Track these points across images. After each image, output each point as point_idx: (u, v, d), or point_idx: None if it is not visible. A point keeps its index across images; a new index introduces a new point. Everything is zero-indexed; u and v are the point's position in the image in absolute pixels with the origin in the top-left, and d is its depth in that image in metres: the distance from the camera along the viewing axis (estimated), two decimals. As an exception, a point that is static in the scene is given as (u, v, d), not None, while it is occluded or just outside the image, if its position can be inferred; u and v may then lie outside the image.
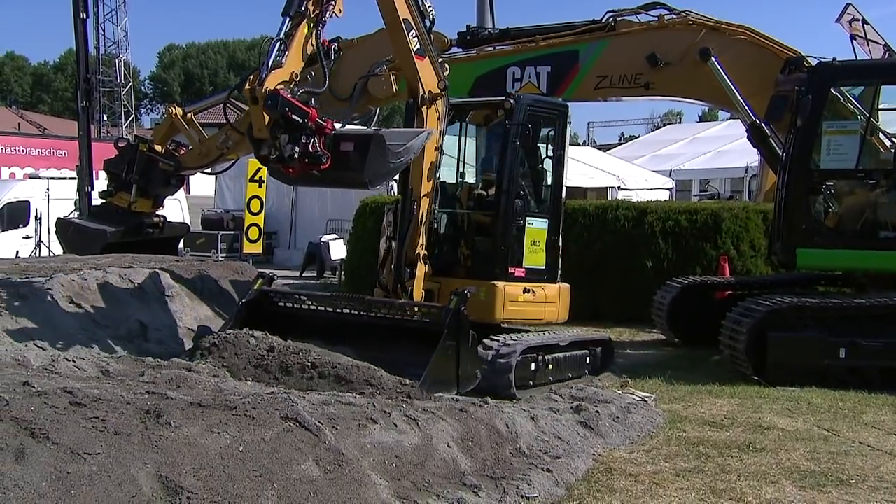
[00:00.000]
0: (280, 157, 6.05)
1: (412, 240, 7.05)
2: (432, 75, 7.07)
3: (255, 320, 6.64)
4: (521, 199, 7.51)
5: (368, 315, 6.75)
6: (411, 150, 6.47)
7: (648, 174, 23.01)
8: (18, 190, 16.86)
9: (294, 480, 3.85)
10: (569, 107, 8.12)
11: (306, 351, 6.04)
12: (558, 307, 7.82)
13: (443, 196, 7.71)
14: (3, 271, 7.90)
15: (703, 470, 5.10)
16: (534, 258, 7.65)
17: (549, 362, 7.20)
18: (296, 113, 5.96)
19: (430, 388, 5.68)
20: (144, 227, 8.68)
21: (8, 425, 3.34)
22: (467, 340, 6.21)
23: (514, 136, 7.39)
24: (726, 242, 11.47)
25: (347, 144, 6.30)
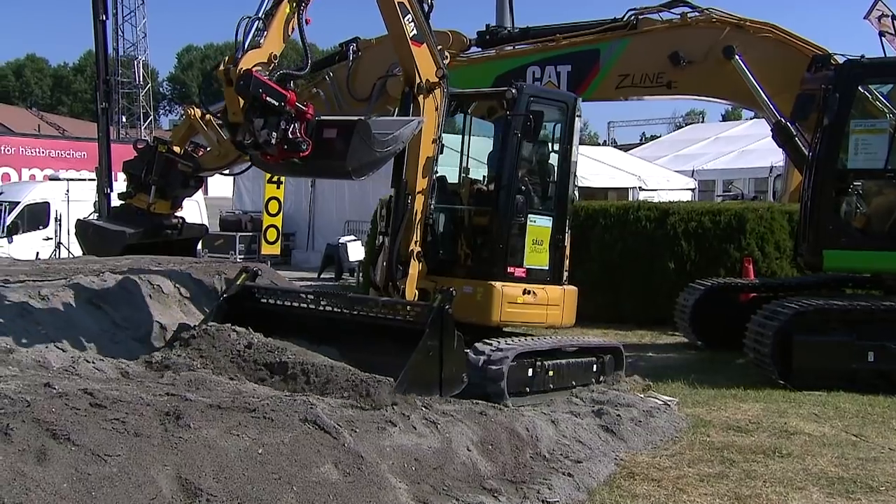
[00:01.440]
0: (256, 143, 5.76)
1: (405, 236, 6.78)
2: (430, 63, 6.78)
3: (238, 316, 6.39)
4: (522, 196, 7.18)
5: (351, 313, 6.41)
6: (400, 140, 6.20)
7: (670, 174, 22.88)
8: (38, 191, 17.10)
9: (313, 483, 3.86)
10: (578, 99, 7.73)
11: (282, 350, 5.83)
12: (562, 310, 7.43)
13: (443, 192, 7.49)
14: (24, 272, 8.00)
15: (727, 475, 5.06)
16: (536, 258, 7.28)
17: (549, 369, 6.78)
18: (271, 95, 5.65)
19: (406, 391, 5.36)
20: (163, 229, 8.74)
21: (29, 426, 3.37)
22: (452, 341, 5.85)
23: (515, 128, 7.06)
24: (751, 244, 11.36)
25: (330, 131, 6.01)
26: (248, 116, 5.71)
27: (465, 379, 5.96)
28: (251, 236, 19.15)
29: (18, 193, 17.26)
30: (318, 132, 5.95)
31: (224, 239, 19.23)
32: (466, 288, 6.89)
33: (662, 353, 10.00)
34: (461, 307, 6.73)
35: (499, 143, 7.58)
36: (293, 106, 5.79)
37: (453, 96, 7.35)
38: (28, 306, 6.28)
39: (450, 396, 5.71)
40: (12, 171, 32.97)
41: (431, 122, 6.84)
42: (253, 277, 6.89)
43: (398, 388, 5.27)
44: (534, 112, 7.00)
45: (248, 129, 5.74)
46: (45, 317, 6.28)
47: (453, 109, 7.68)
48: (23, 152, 36.64)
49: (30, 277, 7.51)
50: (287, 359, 5.70)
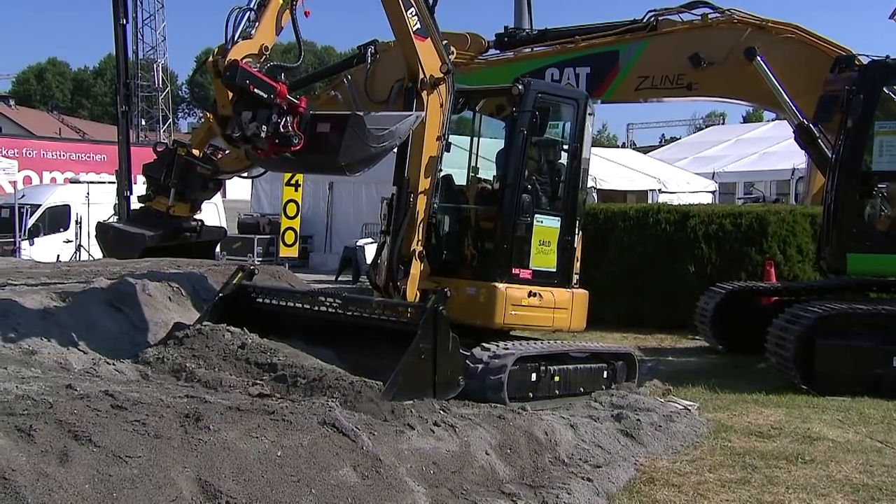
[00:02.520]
0: (245, 137, 5.61)
1: (407, 236, 6.60)
2: (434, 58, 6.61)
3: (234, 315, 6.25)
4: (528, 195, 6.97)
5: (346, 314, 6.24)
6: (396, 135, 6.02)
7: (690, 176, 22.75)
8: (59, 194, 17.33)
9: (332, 486, 3.88)
10: (588, 97, 7.54)
11: (275, 351, 5.73)
12: (570, 314, 7.20)
13: (449, 191, 7.34)
14: (45, 275, 8.10)
15: (749, 481, 5.02)
16: (543, 259, 7.07)
17: (554, 374, 6.62)
18: (259, 87, 5.51)
19: (397, 395, 5.18)
20: (182, 232, 8.80)
21: (52, 427, 3.42)
22: (447, 343, 5.66)
23: (521, 124, 6.87)
24: (772, 247, 11.28)
25: (324, 125, 5.84)
26: (236, 109, 5.59)
27: (462, 382, 5.80)
28: (269, 239, 19.26)
29: (39, 196, 17.50)
30: (311, 126, 5.82)
31: (242, 241, 19.35)
32: (470, 289, 6.77)
33: (682, 357, 9.94)
34: (465, 309, 6.65)
35: (505, 140, 7.40)
36: (284, 98, 5.64)
37: (460, 93, 7.21)
38: (49, 308, 6.37)
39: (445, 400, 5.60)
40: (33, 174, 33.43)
41: (436, 119, 6.68)
42: (249, 276, 6.75)
43: (387, 391, 5.12)
44: (540, 108, 6.83)
45: (236, 122, 5.62)
46: (66, 319, 6.36)
47: (460, 107, 7.52)
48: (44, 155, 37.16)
49: (51, 280, 7.62)
50: (277, 360, 5.60)
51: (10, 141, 37.69)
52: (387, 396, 5.08)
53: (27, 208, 16.23)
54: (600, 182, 19.01)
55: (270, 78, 5.63)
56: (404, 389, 5.27)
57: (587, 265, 11.82)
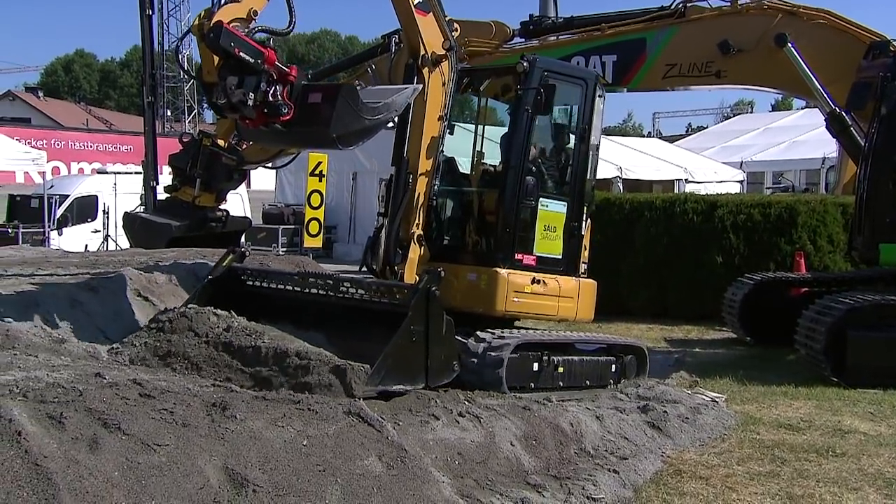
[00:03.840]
0: (231, 104, 5.38)
1: (405, 218, 6.33)
2: (436, 33, 6.35)
3: (225, 299, 6.04)
4: (533, 177, 6.66)
5: (337, 296, 5.98)
6: (392, 107, 5.79)
7: (718, 166, 22.50)
8: (87, 185, 17.54)
9: (357, 476, 3.90)
10: (598, 76, 7.25)
11: (260, 334, 5.51)
12: (577, 303, 6.91)
13: (452, 174, 7.12)
14: (74, 264, 8.22)
15: (778, 474, 4.97)
16: (547, 245, 6.78)
17: (558, 364, 6.39)
18: (245, 51, 5.28)
19: (384, 380, 4.98)
20: (208, 222, 8.85)
21: (82, 415, 3.47)
22: (440, 326, 5.38)
23: (526, 103, 6.55)
24: (802, 237, 11.14)
25: (315, 96, 5.60)
26: (221, 74, 5.38)
27: (457, 368, 5.58)
28: (293, 229, 19.36)
29: (68, 187, 17.72)
30: (302, 97, 5.60)
31: (267, 232, 19.47)
32: (471, 275, 6.56)
33: (710, 348, 9.86)
34: (466, 296, 6.50)
35: (510, 120, 7.05)
36: (272, 65, 5.43)
37: (465, 72, 6.97)
38: (79, 298, 6.46)
39: (438, 386, 5.43)
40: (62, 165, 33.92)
41: (437, 97, 6.43)
42: (240, 259, 6.56)
43: (373, 376, 4.91)
44: (545, 85, 6.51)
45: (221, 88, 5.39)
46: (95, 308, 6.45)
47: (464, 87, 7.25)
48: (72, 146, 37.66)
49: (80, 269, 7.72)
50: (262, 343, 5.39)
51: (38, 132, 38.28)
52: (373, 381, 4.90)
53: (56, 199, 16.44)
54: (626, 172, 18.86)
55: (259, 44, 5.42)
56: (393, 374, 5.06)
57: (612, 256, 11.92)
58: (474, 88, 7.55)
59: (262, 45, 5.45)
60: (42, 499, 2.97)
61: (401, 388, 5.09)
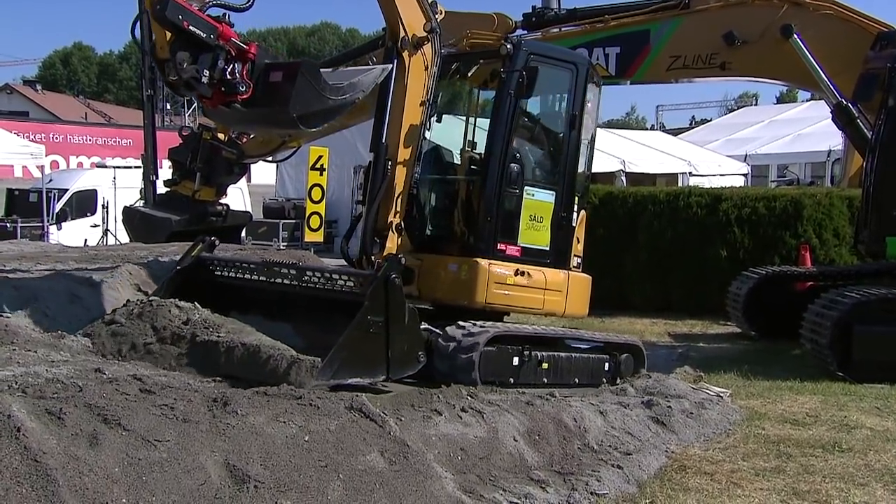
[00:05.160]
0: (184, 82, 5.18)
1: (384, 206, 6.07)
2: (417, 15, 6.07)
3: (193, 290, 5.90)
4: (517, 164, 6.41)
5: (301, 286, 5.83)
6: (358, 87, 5.58)
7: (722, 159, 22.49)
8: (86, 179, 17.52)
9: (359, 471, 3.90)
10: (590, 62, 7.03)
11: (218, 327, 5.41)
12: (565, 297, 6.66)
13: (438, 163, 6.93)
14: (73, 259, 8.21)
15: (784, 470, 4.96)
16: (533, 236, 6.52)
17: (542, 360, 6.18)
18: (195, 24, 5.08)
19: (338, 373, 4.82)
20: (208, 216, 8.84)
21: (82, 411, 3.46)
22: (401, 315, 5.21)
23: (509, 86, 6.29)
24: (807, 230, 11.12)
25: (276, 74, 5.41)
26: (172, 49, 5.18)
27: (422, 358, 5.41)
28: (294, 223, 19.35)
29: (67, 181, 17.71)
30: (264, 76, 5.44)
31: (267, 226, 19.47)
32: (452, 266, 6.36)
33: (714, 343, 9.85)
34: (447, 288, 6.33)
35: (493, 104, 6.76)
36: (227, 41, 5.25)
37: (452, 57, 6.74)
38: (78, 293, 6.46)
39: (402, 378, 5.29)
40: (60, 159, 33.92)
41: (418, 82, 6.14)
42: (210, 248, 6.42)
43: (324, 370, 4.77)
44: (528, 67, 6.26)
45: (172, 63, 5.19)
46: (95, 303, 6.44)
47: (450, 74, 7.03)
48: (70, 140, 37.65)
49: (79, 264, 7.72)
50: (217, 337, 5.28)
51: (37, 125, 38.28)
52: (324, 375, 4.76)
53: (55, 193, 16.43)
54: (629, 165, 18.86)
55: (214, 19, 5.24)
56: (348, 367, 4.91)
57: (615, 250, 11.91)
58: (462, 74, 7.30)
59: (217, 21, 5.27)
60: (42, 495, 2.97)
61: (357, 381, 4.94)
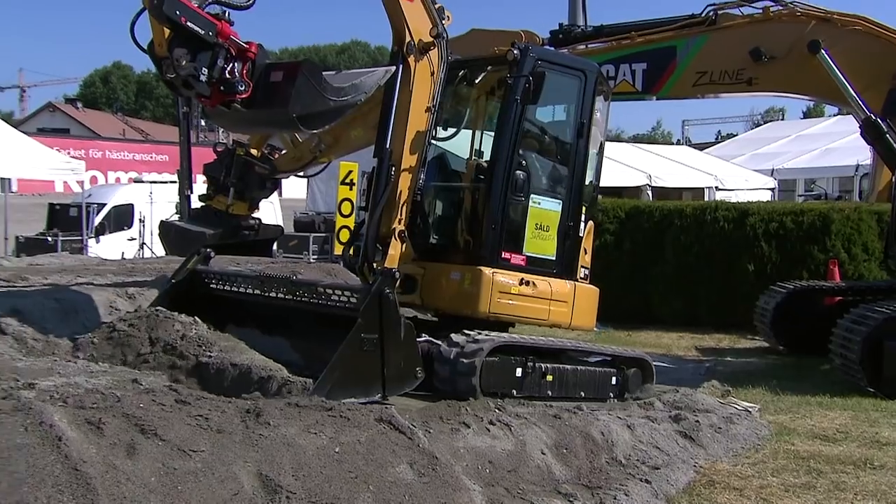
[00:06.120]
0: (181, 79, 5.04)
1: (387, 212, 5.85)
2: (424, 20, 5.88)
3: (188, 303, 5.76)
4: (523, 172, 6.21)
5: (296, 300, 5.67)
6: (360, 89, 5.46)
7: (749, 173, 22.21)
8: (123, 194, 17.81)
9: (389, 483, 3.89)
10: (599, 70, 6.78)
11: (210, 345, 5.25)
12: (571, 308, 6.44)
13: (444, 170, 6.78)
14: (111, 272, 8.33)
15: (814, 486, 4.87)
16: (539, 245, 6.33)
17: (546, 372, 6.00)
18: (193, 21, 4.95)
19: (332, 393, 4.64)
20: (241, 230, 8.94)
21: (120, 421, 3.50)
22: (396, 331, 5.04)
23: (517, 92, 6.11)
24: (836, 245, 10.95)
25: (277, 74, 5.28)
26: (170, 46, 5.05)
27: (420, 374, 5.25)
28: (324, 237, 19.44)
29: (105, 195, 18.01)
30: (265, 77, 5.33)
31: (298, 240, 19.56)
32: (455, 274, 6.20)
33: (742, 357, 9.72)
34: (450, 297, 6.19)
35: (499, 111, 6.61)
36: (226, 38, 5.13)
37: (459, 63, 6.57)
38: (117, 305, 6.54)
39: (400, 394, 5.14)
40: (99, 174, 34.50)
41: (424, 88, 5.94)
42: (205, 261, 6.26)
43: (317, 390, 4.65)
44: (535, 73, 6.06)
45: (170, 60, 5.07)
46: (132, 315, 6.49)
47: (458, 81, 6.92)
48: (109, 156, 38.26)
49: (117, 277, 7.83)
50: (207, 358, 5.17)
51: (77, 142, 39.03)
52: (318, 395, 4.60)
53: (94, 207, 16.69)
54: (655, 179, 18.71)
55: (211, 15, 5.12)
56: (342, 386, 4.77)
57: (642, 264, 11.83)
58: (469, 81, 7.15)
59: (217, 19, 5.15)
60: (81, 503, 3.00)
61: (352, 400, 4.80)
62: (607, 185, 16.63)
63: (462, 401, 5.22)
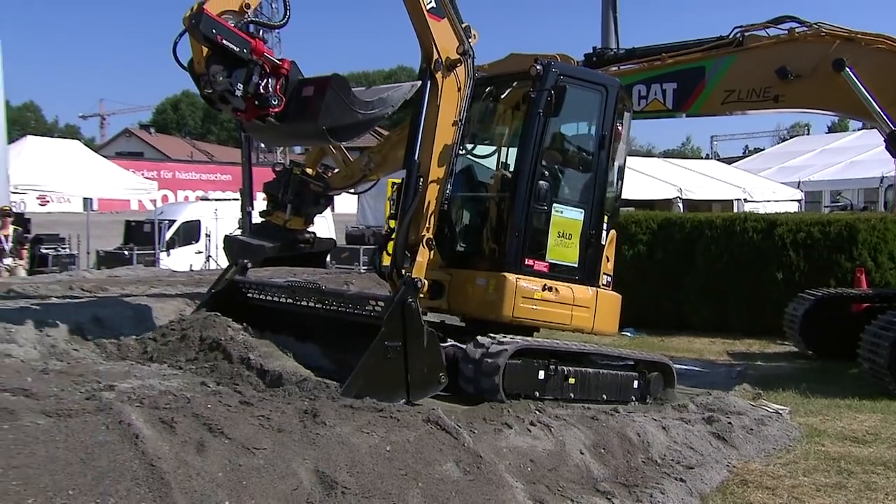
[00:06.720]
0: (218, 94, 5.06)
1: (415, 221, 5.78)
2: (451, 38, 5.85)
3: (227, 311, 5.80)
4: (546, 182, 6.12)
5: (326, 309, 5.65)
6: (388, 103, 5.46)
7: (776, 186, 21.74)
8: (191, 211, 18.21)
9: (436, 480, 3.89)
10: (620, 85, 6.67)
11: (251, 348, 5.25)
12: (593, 314, 6.29)
13: (471, 182, 6.72)
14: (181, 282, 8.51)
15: (845, 486, 4.72)
16: (561, 252, 6.22)
17: (568, 375, 5.87)
18: (229, 39, 4.94)
19: (358, 398, 4.58)
20: (298, 243, 9.03)
21: (190, 420, 3.56)
22: (419, 339, 4.98)
23: (539, 105, 6.03)
24: (862, 254, 10.66)
25: (308, 89, 5.27)
26: (208, 63, 5.06)
27: (444, 379, 5.17)
28: (374, 249, 19.56)
29: (175, 213, 18.43)
30: (297, 92, 5.32)
31: (349, 252, 19.74)
32: (480, 280, 6.10)
33: (772, 361, 9.50)
34: (476, 303, 6.11)
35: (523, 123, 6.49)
36: (260, 56, 5.13)
37: (485, 80, 6.53)
38: (185, 312, 6.67)
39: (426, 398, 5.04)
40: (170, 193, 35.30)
41: (451, 103, 5.91)
42: (242, 272, 6.27)
43: (344, 394, 4.61)
44: (556, 87, 5.98)
45: (208, 77, 5.07)
46: (199, 322, 6.60)
47: (485, 97, 6.82)
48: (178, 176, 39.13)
49: (186, 287, 8.00)
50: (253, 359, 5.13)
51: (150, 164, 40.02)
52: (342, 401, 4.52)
53: (165, 223, 17.10)
54: (685, 192, 18.44)
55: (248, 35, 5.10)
56: (366, 392, 4.69)
57: (673, 272, 11.64)
58: (495, 97, 7.05)
59: (251, 37, 5.14)
60: (157, 496, 3.05)
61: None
62: (640, 197, 16.58)
63: (487, 401, 5.16)
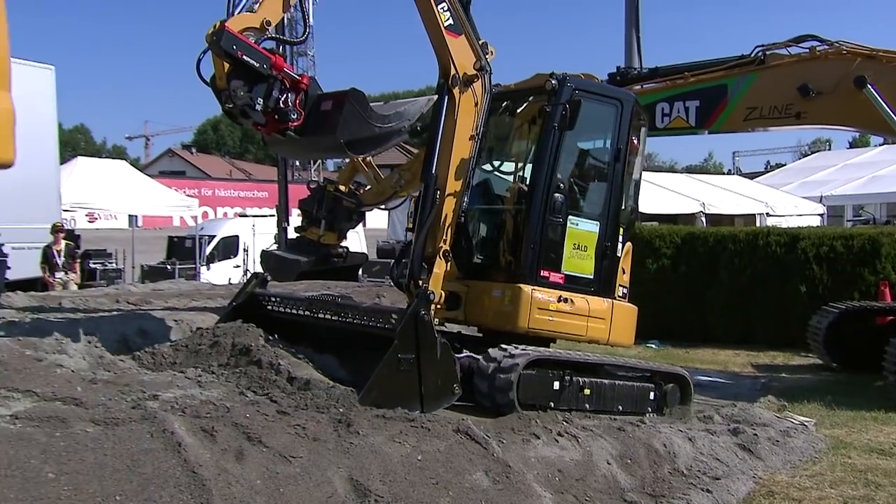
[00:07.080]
0: (239, 109, 5.04)
1: (432, 233, 5.69)
2: (468, 54, 5.78)
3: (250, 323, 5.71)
4: (561, 194, 6.00)
5: (343, 321, 5.61)
6: (405, 116, 5.44)
7: (798, 200, 21.38)
8: (230, 227, 18.45)
9: (466, 489, 3.86)
10: (635, 100, 6.56)
11: (278, 355, 5.16)
12: (609, 325, 6.16)
13: (488, 195, 6.64)
14: (220, 295, 8.60)
15: (873, 499, 4.59)
16: (577, 264, 6.11)
17: (584, 386, 5.71)
18: (249, 55, 4.93)
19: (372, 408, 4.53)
20: (331, 258, 9.06)
21: (230, 429, 3.58)
22: (433, 350, 4.92)
23: (554, 119, 5.94)
24: (886, 267, 10.43)
25: (327, 103, 5.24)
26: (229, 78, 5.04)
27: (457, 390, 5.09)
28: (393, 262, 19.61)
29: (214, 228, 18.69)
30: (316, 106, 5.28)
31: (380, 265, 19.77)
32: (496, 291, 6.01)
33: (796, 374, 9.30)
34: (492, 314, 6.02)
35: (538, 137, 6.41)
36: (279, 71, 5.10)
37: (501, 95, 6.45)
38: (225, 324, 6.70)
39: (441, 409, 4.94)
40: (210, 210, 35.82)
41: (468, 118, 5.82)
42: (262, 284, 6.23)
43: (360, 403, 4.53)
44: (571, 101, 5.90)
45: (229, 92, 5.05)
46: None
47: (502, 111, 6.73)
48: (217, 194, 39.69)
49: (225, 299, 8.07)
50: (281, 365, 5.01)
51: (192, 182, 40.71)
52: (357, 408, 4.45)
53: (205, 239, 17.33)
54: (708, 207, 18.21)
55: (268, 51, 5.09)
56: (380, 403, 4.61)
57: (697, 286, 11.48)
58: (511, 112, 6.95)
59: (271, 53, 5.12)
60: (199, 503, 3.07)
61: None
62: (663, 212, 16.41)
63: (503, 415, 5.09)
